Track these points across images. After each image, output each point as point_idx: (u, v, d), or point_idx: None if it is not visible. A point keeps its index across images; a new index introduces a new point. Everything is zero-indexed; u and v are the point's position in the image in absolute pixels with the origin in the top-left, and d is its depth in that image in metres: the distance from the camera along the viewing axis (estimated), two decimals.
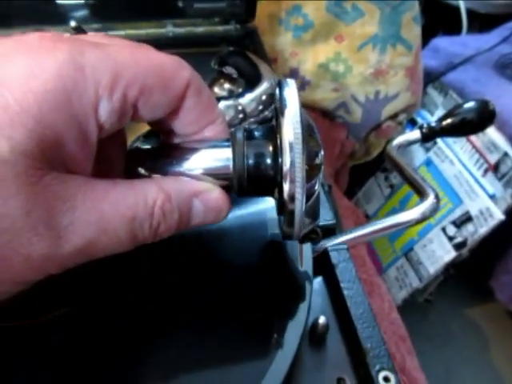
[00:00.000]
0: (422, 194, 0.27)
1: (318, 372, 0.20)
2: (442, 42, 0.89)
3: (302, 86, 0.64)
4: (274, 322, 0.21)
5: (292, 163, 0.17)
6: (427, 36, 1.11)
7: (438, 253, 0.71)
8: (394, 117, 0.72)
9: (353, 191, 0.89)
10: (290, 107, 0.18)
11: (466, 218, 0.68)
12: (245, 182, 0.18)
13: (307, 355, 0.21)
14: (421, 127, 0.34)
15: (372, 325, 0.20)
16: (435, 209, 0.25)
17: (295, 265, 0.23)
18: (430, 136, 0.34)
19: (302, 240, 0.22)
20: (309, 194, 0.18)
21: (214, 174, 0.19)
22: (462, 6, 1.00)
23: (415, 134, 0.34)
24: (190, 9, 0.48)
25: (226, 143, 0.19)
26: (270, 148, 0.18)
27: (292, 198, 0.17)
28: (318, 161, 0.18)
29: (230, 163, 0.18)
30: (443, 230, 0.71)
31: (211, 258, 0.24)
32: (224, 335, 0.22)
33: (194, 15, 0.48)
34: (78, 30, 0.44)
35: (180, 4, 0.48)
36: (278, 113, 0.18)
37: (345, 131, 0.71)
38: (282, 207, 0.18)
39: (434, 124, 0.34)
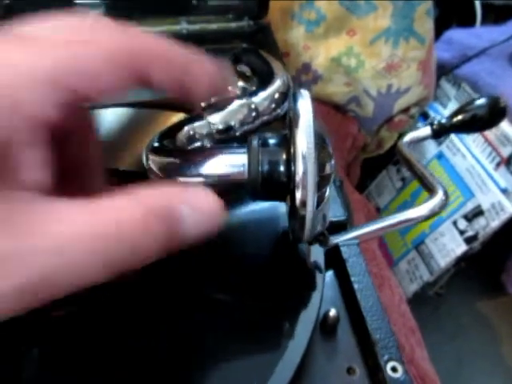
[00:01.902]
0: (431, 191, 0.28)
1: (329, 361, 0.21)
2: (455, 34, 0.88)
3: (315, 80, 0.65)
4: (287, 313, 0.22)
5: (305, 173, 0.18)
6: (441, 27, 1.10)
7: (449, 246, 0.71)
8: (406, 110, 0.72)
9: (364, 184, 0.90)
10: (304, 119, 0.18)
11: (478, 212, 0.68)
12: (258, 188, 0.19)
13: (319, 345, 0.22)
14: (431, 123, 0.34)
15: (381, 317, 0.21)
16: (444, 205, 0.26)
17: (307, 259, 0.24)
18: (440, 132, 0.34)
19: (311, 242, 0.23)
20: (319, 201, 0.19)
21: (228, 179, 0.20)
22: None
23: (426, 130, 0.34)
24: (203, 6, 0.49)
25: (242, 150, 0.20)
26: (284, 156, 0.19)
27: (303, 204, 0.18)
28: (328, 170, 0.19)
29: (245, 169, 0.19)
30: (454, 223, 0.71)
31: (227, 250, 0.26)
32: (238, 325, 0.23)
33: (207, 12, 0.49)
34: None
35: (194, 1, 0.48)
36: (292, 123, 0.19)
37: (356, 125, 0.71)
38: (294, 212, 0.19)
39: (444, 120, 0.34)
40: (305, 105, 0.19)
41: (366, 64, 0.62)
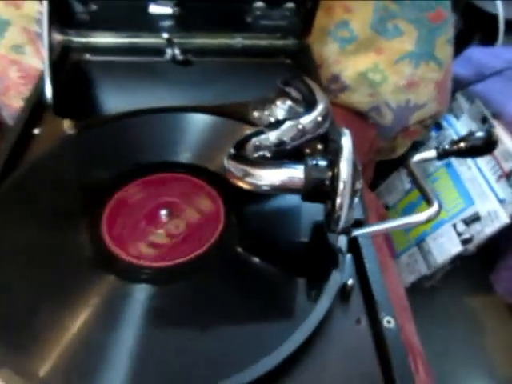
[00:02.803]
0: (429, 202, 0.37)
1: (344, 315, 0.31)
2: (475, 53, 0.95)
3: (342, 89, 0.73)
4: (318, 282, 0.32)
5: (343, 189, 0.27)
6: (463, 41, 1.16)
7: (446, 246, 0.80)
8: (420, 121, 0.80)
9: (376, 183, 0.98)
10: (346, 152, 0.28)
11: (475, 218, 0.77)
12: (309, 194, 0.29)
13: (338, 304, 0.32)
14: (437, 148, 0.43)
15: (381, 287, 0.31)
16: (437, 215, 0.35)
17: (334, 245, 0.34)
18: (443, 156, 0.43)
19: (339, 233, 0.32)
20: (350, 206, 0.28)
21: (288, 185, 0.30)
22: (501, 15, 1.05)
23: (432, 153, 0.43)
24: (256, 25, 0.58)
25: (300, 166, 0.30)
26: (329, 174, 0.29)
27: (341, 208, 0.28)
28: (358, 186, 0.29)
29: (302, 180, 0.29)
30: (454, 226, 0.80)
31: (276, 237, 0.35)
32: (278, 290, 0.33)
33: (259, 30, 0.58)
34: (170, 42, 0.54)
35: (249, 20, 0.57)
36: (338, 152, 0.28)
37: (375, 131, 0.80)
38: (332, 212, 0.28)
39: (447, 147, 0.43)
40: (347, 141, 0.29)
41: (389, 80, 0.71)
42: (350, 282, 0.32)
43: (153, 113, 0.43)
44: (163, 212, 0.35)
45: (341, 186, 0.28)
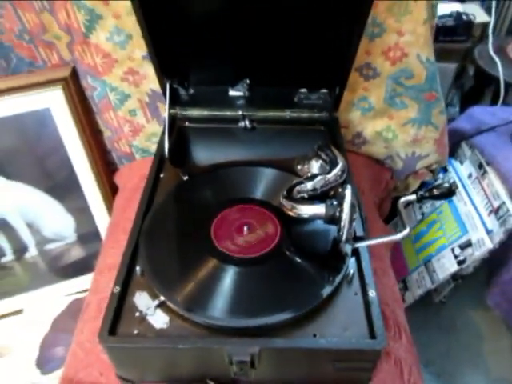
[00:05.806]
0: (404, 227, 0.60)
1: (348, 290, 0.55)
2: (476, 110, 1.17)
3: (364, 143, 0.98)
4: (332, 272, 0.56)
5: (345, 219, 0.52)
6: (473, 99, 1.38)
7: (446, 265, 1.01)
8: (426, 167, 1.03)
9: (394, 215, 1.21)
10: (347, 199, 0.53)
11: (468, 244, 0.98)
12: (328, 221, 0.54)
13: (344, 285, 0.56)
14: (416, 194, 0.66)
15: (371, 275, 0.55)
16: (406, 236, 0.59)
17: (343, 250, 0.58)
18: (421, 199, 0.66)
19: (346, 242, 0.56)
20: (350, 227, 0.53)
21: (316, 216, 0.55)
22: (501, 78, 1.27)
23: (413, 197, 0.66)
24: (301, 102, 0.84)
25: (323, 204, 0.54)
26: (338, 209, 0.53)
27: (343, 228, 0.52)
28: (355, 217, 0.53)
29: (323, 213, 0.54)
30: (452, 250, 1.01)
31: (309, 242, 0.60)
32: (310, 275, 0.58)
33: (302, 106, 0.84)
34: (243, 116, 0.81)
35: (295, 100, 0.83)
36: (343, 198, 0.53)
37: (389, 173, 1.03)
38: (340, 230, 0.53)
39: (422, 192, 0.66)
40: (348, 192, 0.54)
41: (399, 137, 0.95)
42: (351, 271, 0.56)
43: (237, 165, 0.70)
44: (245, 227, 0.60)
45: (343, 217, 0.52)
